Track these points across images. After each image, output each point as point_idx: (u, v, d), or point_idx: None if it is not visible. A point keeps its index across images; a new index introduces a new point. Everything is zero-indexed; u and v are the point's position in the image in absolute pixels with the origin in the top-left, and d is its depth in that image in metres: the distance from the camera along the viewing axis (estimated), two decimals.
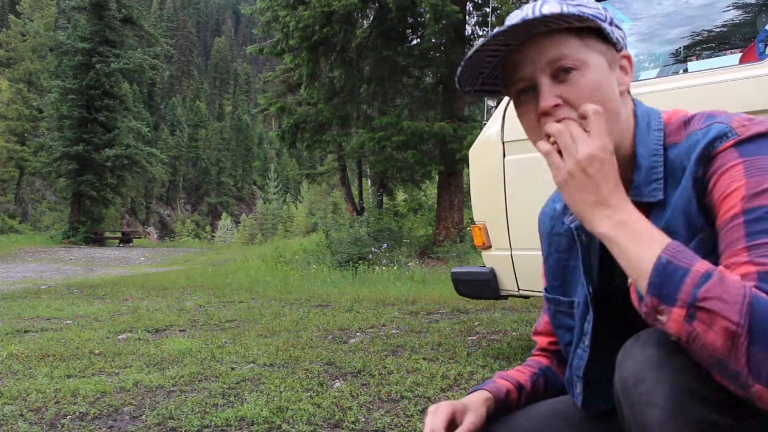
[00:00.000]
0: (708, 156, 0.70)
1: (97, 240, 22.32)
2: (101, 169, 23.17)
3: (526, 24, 0.72)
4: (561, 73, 0.74)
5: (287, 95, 15.76)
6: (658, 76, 2.56)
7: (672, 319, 0.60)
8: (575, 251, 0.88)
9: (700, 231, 0.70)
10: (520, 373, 0.98)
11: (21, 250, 17.72)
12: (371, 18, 10.64)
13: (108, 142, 23.02)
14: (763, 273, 0.60)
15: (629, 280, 0.73)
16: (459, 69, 0.79)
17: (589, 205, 0.68)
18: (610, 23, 0.77)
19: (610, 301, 0.84)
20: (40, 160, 24.43)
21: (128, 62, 22.70)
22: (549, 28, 0.74)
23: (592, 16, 0.75)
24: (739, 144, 0.69)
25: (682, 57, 2.59)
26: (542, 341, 1.03)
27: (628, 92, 0.80)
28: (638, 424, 0.63)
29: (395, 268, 8.42)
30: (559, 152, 0.71)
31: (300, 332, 3.70)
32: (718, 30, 2.61)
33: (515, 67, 0.77)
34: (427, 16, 9.47)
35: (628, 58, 0.78)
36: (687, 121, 0.76)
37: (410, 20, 10.48)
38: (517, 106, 0.80)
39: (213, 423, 1.97)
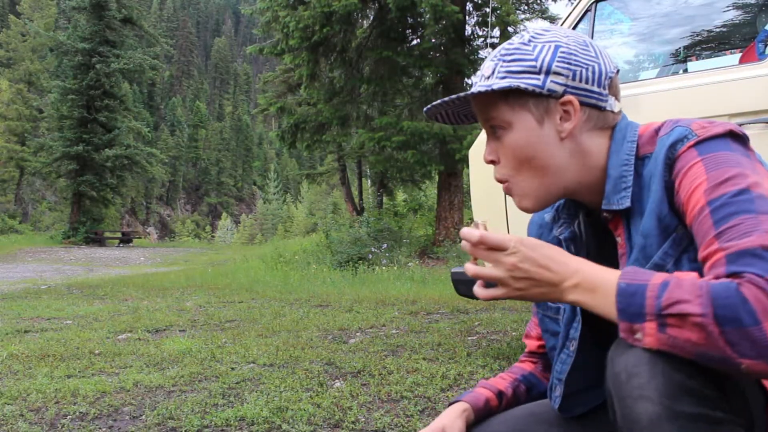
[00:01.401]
0: (671, 158, 0.74)
1: (97, 240, 22.32)
2: (101, 169, 23.18)
3: (465, 94, 0.81)
4: (496, 130, 0.82)
5: (287, 95, 15.76)
6: (657, 76, 2.56)
7: (647, 334, 0.62)
8: None
9: (674, 231, 0.73)
10: (502, 380, 1.01)
11: (21, 250, 17.72)
12: (371, 18, 10.64)
13: (108, 143, 23.03)
14: (731, 255, 0.63)
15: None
16: (427, 109, 0.86)
17: (547, 292, 0.71)
18: (546, 72, 0.77)
19: None
20: (40, 161, 24.43)
21: (128, 62, 22.70)
22: (464, 95, 0.81)
23: (518, 74, 0.78)
24: (698, 144, 0.72)
25: (681, 57, 2.60)
26: (532, 344, 1.06)
27: (612, 114, 0.81)
28: (628, 418, 0.64)
29: (395, 268, 8.42)
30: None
31: (300, 332, 3.70)
32: (717, 30, 2.61)
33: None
34: (427, 16, 9.47)
35: (570, 102, 0.78)
36: (657, 130, 0.79)
37: (410, 20, 10.48)
38: None
39: (213, 423, 1.97)
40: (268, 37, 14.12)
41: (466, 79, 11.04)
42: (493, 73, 0.80)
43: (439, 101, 0.83)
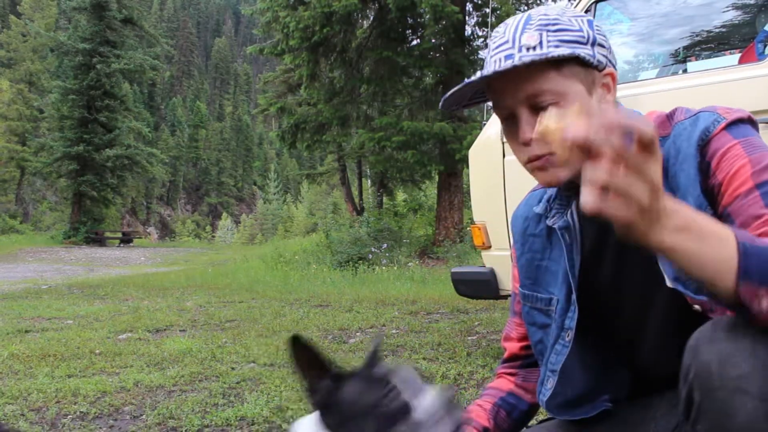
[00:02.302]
0: (705, 140, 0.74)
1: (97, 240, 22.32)
2: (102, 169, 23.18)
3: (510, 67, 0.75)
4: (539, 106, 0.76)
5: (287, 95, 15.76)
6: (657, 77, 2.57)
7: None
8: (548, 252, 0.91)
9: (704, 210, 0.73)
10: (481, 410, 0.99)
11: (22, 250, 17.72)
12: (371, 18, 10.64)
13: (108, 143, 23.03)
14: None
15: (668, 281, 0.72)
16: (444, 98, 0.83)
17: (642, 220, 0.56)
18: (593, 43, 0.78)
19: (589, 298, 0.86)
20: (40, 161, 24.44)
21: (129, 63, 22.70)
22: (522, 63, 0.75)
23: (572, 44, 0.76)
24: (729, 126, 0.74)
25: (681, 57, 2.60)
26: (513, 347, 1.03)
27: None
28: (720, 412, 0.59)
29: (395, 268, 8.42)
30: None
31: (300, 332, 3.70)
32: (717, 30, 2.61)
33: (498, 94, 0.80)
34: (427, 16, 9.47)
35: (611, 75, 0.79)
36: (669, 116, 0.80)
37: (410, 21, 10.48)
38: (503, 127, 0.84)
39: (213, 423, 1.97)
40: (268, 38, 14.12)
41: (466, 80, 11.01)
42: (541, 43, 0.76)
43: (468, 80, 0.78)
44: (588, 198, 0.54)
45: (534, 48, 0.76)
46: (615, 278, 0.85)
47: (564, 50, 0.75)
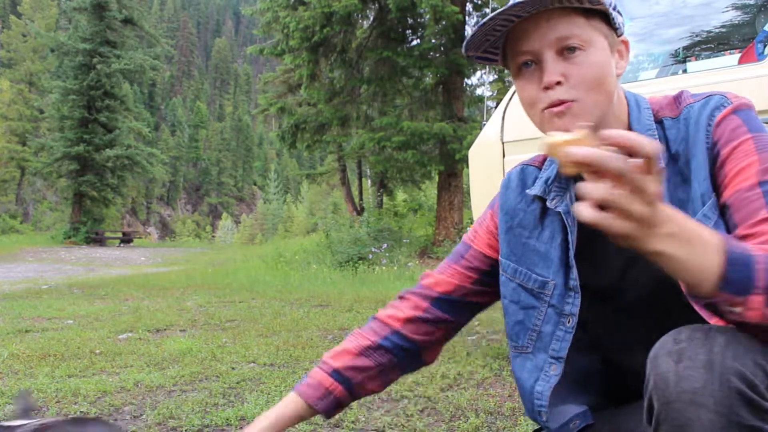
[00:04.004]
0: (712, 123, 0.76)
1: (97, 240, 22.33)
2: (102, 169, 23.19)
3: None
4: (566, 51, 0.77)
5: (287, 96, 15.77)
6: (657, 77, 2.57)
7: (750, 307, 0.59)
8: (538, 232, 0.90)
9: (709, 198, 0.75)
10: (356, 351, 1.00)
11: (22, 250, 17.73)
12: (371, 19, 10.65)
13: (109, 143, 23.04)
14: None
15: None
16: (470, 35, 0.81)
17: (638, 231, 0.57)
18: (614, 8, 0.80)
19: (586, 285, 0.86)
20: (41, 161, 24.45)
21: (129, 63, 22.71)
22: (561, 5, 0.76)
23: (601, 3, 0.78)
24: (736, 110, 0.76)
25: (681, 57, 2.60)
26: (432, 284, 1.01)
27: None
28: (674, 424, 0.59)
29: (395, 268, 8.43)
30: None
31: (300, 332, 3.71)
32: (717, 30, 2.62)
33: (522, 38, 0.79)
34: (427, 16, 9.48)
35: (625, 43, 0.81)
36: (677, 97, 0.83)
37: (410, 21, 10.48)
38: (516, 77, 0.82)
39: (213, 423, 1.98)
40: (268, 38, 14.13)
41: (465, 80, 11.04)
42: None
43: (507, 6, 0.76)
44: (585, 211, 0.56)
45: None
46: (603, 265, 0.85)
47: (599, 5, 0.77)
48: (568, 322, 0.86)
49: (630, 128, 0.81)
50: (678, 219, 0.59)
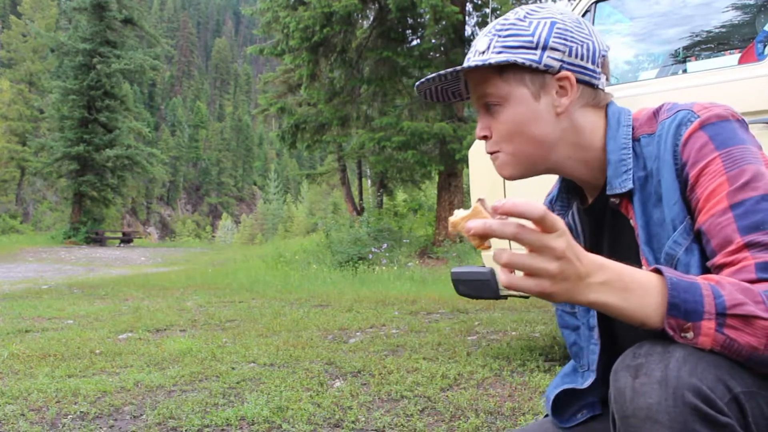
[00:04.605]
0: (678, 142, 0.74)
1: (97, 240, 22.33)
2: (102, 169, 23.19)
3: (461, 68, 0.81)
4: (490, 107, 0.82)
5: (287, 96, 15.77)
6: (657, 77, 2.57)
7: (703, 333, 0.60)
8: None
9: (680, 223, 0.73)
10: None
11: (22, 250, 17.73)
12: (371, 19, 10.65)
13: (109, 143, 23.04)
14: (761, 264, 0.65)
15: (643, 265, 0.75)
16: (418, 85, 0.85)
17: (571, 288, 0.61)
18: (543, 48, 0.78)
19: None
20: (41, 161, 24.45)
21: (129, 63, 22.71)
22: (469, 68, 0.80)
23: (515, 49, 0.78)
24: (703, 126, 0.73)
25: (681, 57, 2.60)
26: None
27: (603, 92, 0.82)
28: None
29: (395, 268, 8.42)
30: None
31: (300, 332, 3.71)
32: (717, 30, 2.61)
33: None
34: (427, 16, 9.48)
35: (567, 78, 0.79)
36: (656, 112, 0.80)
37: (410, 21, 10.48)
38: None
39: (213, 422, 1.98)
40: (268, 38, 14.13)
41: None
42: (488, 48, 0.80)
43: (431, 75, 0.82)
44: (501, 277, 0.61)
45: (483, 53, 0.80)
46: None
47: (502, 56, 0.78)
48: (595, 334, 0.87)
49: (605, 149, 0.80)
50: (611, 267, 0.62)
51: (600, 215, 0.85)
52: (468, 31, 10.85)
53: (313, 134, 12.82)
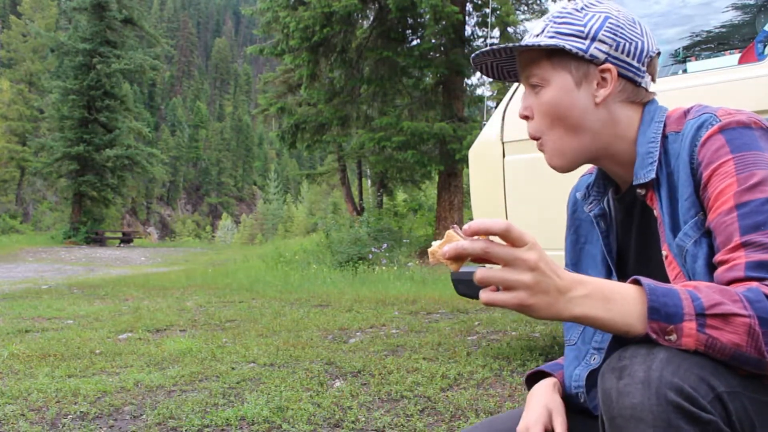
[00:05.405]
0: (696, 143, 0.77)
1: (97, 240, 22.34)
2: (102, 169, 23.20)
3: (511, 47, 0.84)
4: (535, 87, 0.85)
5: (287, 96, 15.77)
6: (657, 76, 2.56)
7: (685, 334, 0.62)
8: (591, 236, 0.94)
9: (691, 217, 0.76)
10: None
11: (22, 250, 17.73)
12: (371, 19, 10.65)
13: (109, 143, 23.05)
14: (751, 263, 0.67)
15: (664, 253, 0.79)
16: (474, 57, 0.88)
17: (552, 302, 0.63)
18: (592, 39, 0.82)
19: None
20: (41, 161, 24.45)
21: (129, 63, 22.72)
22: (521, 48, 0.84)
23: (566, 36, 0.82)
24: (722, 130, 0.75)
25: (681, 57, 2.60)
26: None
27: (645, 90, 0.85)
28: None
29: (395, 268, 8.42)
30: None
31: (300, 332, 3.71)
32: (717, 30, 2.61)
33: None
34: (427, 16, 9.49)
35: (609, 70, 0.82)
36: (686, 112, 0.83)
37: (410, 21, 10.49)
38: None
39: (213, 422, 1.98)
40: (268, 38, 14.14)
41: (466, 80, 11.05)
42: (542, 31, 0.83)
43: (487, 48, 0.85)
44: (481, 295, 0.64)
45: (537, 35, 0.84)
46: (639, 265, 0.88)
47: (552, 41, 0.82)
48: None
49: (636, 144, 0.84)
50: (590, 281, 0.65)
51: (630, 206, 0.88)
52: (468, 31, 10.86)
53: (313, 134, 12.83)
